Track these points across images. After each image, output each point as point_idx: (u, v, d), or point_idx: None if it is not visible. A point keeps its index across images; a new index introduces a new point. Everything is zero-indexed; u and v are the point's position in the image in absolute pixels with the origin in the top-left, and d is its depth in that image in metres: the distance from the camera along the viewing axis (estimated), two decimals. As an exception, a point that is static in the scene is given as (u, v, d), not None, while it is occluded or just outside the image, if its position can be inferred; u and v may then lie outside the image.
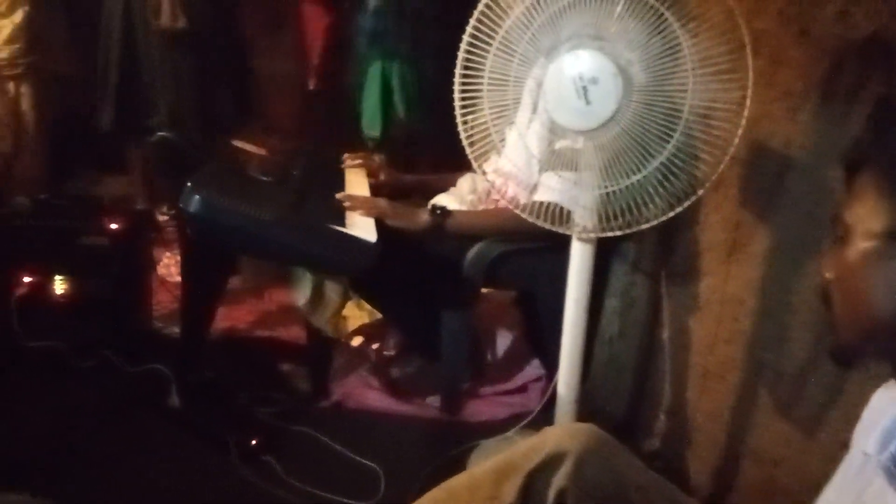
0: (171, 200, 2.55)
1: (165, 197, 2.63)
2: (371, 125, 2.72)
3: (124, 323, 2.00)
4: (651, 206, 1.27)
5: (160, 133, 1.75)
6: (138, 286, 2.11)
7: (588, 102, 1.21)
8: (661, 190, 1.24)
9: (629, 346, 1.79)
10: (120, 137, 2.68)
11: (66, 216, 1.93)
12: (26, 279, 1.91)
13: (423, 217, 1.67)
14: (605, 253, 1.66)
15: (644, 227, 1.29)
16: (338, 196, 1.65)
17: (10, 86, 2.60)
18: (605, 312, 1.84)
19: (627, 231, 1.31)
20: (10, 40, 2.51)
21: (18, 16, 2.53)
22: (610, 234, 1.32)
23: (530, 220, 1.36)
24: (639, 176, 1.25)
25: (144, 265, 2.16)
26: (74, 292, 1.93)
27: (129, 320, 2.03)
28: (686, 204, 1.25)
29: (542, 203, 1.38)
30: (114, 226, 1.93)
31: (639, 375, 1.77)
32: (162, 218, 2.65)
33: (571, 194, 1.35)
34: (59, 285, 1.92)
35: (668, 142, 1.22)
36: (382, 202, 1.69)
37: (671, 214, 1.27)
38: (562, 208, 1.37)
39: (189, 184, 1.39)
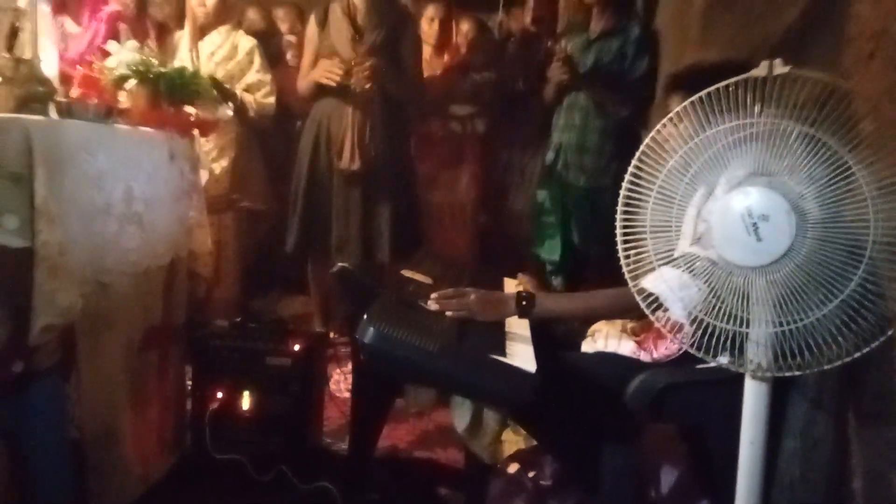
0: (345, 321, 2.76)
1: (339, 317, 2.84)
2: (550, 251, 2.84)
3: (299, 439, 2.13)
4: (834, 345, 1.19)
5: (341, 264, 1.92)
6: (313, 404, 2.25)
7: (759, 239, 1.19)
8: (845, 330, 1.17)
9: (813, 493, 1.62)
10: (302, 261, 2.99)
11: (256, 338, 2.14)
12: (219, 395, 2.11)
13: (510, 307, 1.68)
14: (781, 386, 1.55)
15: (826, 367, 1.21)
16: (431, 300, 1.68)
17: (215, 219, 3.01)
18: (784, 453, 1.69)
19: (807, 372, 1.23)
20: (219, 181, 2.93)
21: (226, 161, 2.96)
22: (788, 373, 1.25)
23: (687, 347, 1.32)
24: (818, 314, 1.19)
25: (319, 383, 2.31)
26: (259, 409, 2.10)
27: (303, 436, 2.16)
28: (874, 345, 1.16)
29: (700, 329, 1.33)
30: (296, 347, 2.11)
31: (828, 528, 1.59)
32: (334, 335, 2.86)
33: (680, 294, 1.31)
34: (246, 402, 2.10)
35: (850, 279, 1.16)
36: (471, 300, 1.68)
37: (856, 355, 1.18)
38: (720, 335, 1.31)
39: (365, 316, 1.50)
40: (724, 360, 1.33)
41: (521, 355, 1.56)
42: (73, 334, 1.58)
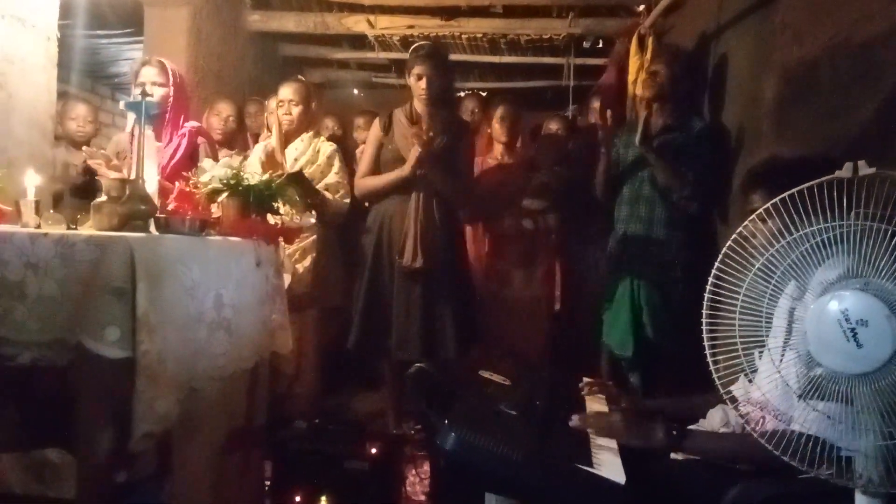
0: (421, 421, 2.74)
1: (415, 417, 2.82)
2: (622, 346, 2.78)
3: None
4: (955, 460, 1.10)
5: (418, 364, 1.93)
6: (390, 508, 2.21)
7: (859, 346, 1.13)
8: (965, 444, 1.08)
9: None
10: (369, 359, 3.01)
11: (335, 441, 2.14)
12: (297, 499, 2.10)
13: (660, 435, 1.61)
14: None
15: (948, 485, 1.11)
16: (574, 421, 1.66)
17: (296, 317, 3.09)
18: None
19: (926, 488, 1.13)
20: (301, 280, 3.02)
21: (308, 261, 3.07)
22: (903, 491, 1.15)
23: (788, 460, 1.24)
24: (934, 426, 1.11)
25: (395, 488, 2.27)
26: (334, 514, 2.08)
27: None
28: None
29: (801, 436, 1.25)
30: (373, 451, 2.10)
31: None
32: (410, 435, 2.83)
33: (831, 430, 1.23)
34: (322, 507, 2.08)
35: (966, 388, 1.08)
36: (616, 420, 1.67)
37: (982, 472, 1.08)
38: (824, 444, 1.23)
39: (446, 421, 1.49)
40: (827, 472, 1.24)
41: (609, 465, 1.51)
42: (169, 441, 1.62)
